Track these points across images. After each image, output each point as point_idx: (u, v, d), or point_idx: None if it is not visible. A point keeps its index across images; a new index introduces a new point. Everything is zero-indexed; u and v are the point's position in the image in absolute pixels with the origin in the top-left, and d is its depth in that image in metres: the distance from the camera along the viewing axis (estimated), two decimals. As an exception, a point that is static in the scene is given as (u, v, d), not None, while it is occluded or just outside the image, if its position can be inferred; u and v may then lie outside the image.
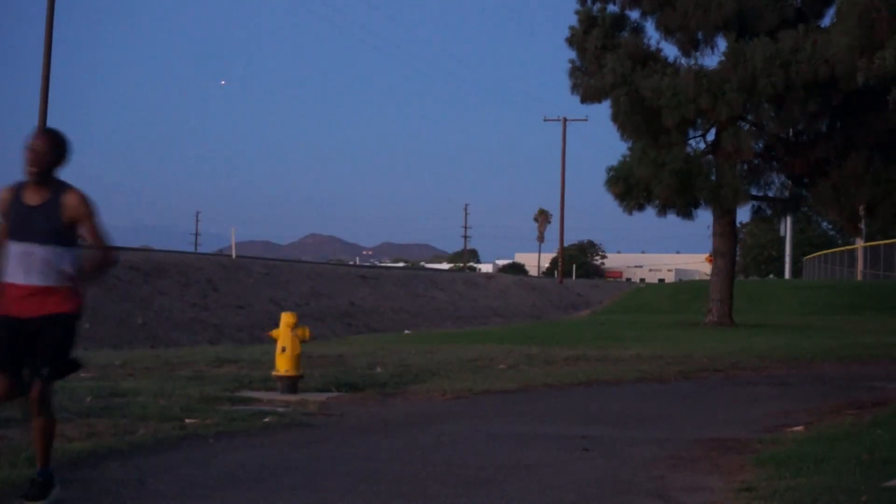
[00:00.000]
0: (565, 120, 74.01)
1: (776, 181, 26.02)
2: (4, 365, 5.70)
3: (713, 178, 23.67)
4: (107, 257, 5.88)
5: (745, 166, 24.88)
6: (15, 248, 5.62)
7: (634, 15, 24.70)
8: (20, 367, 5.77)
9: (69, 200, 5.65)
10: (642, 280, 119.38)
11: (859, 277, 51.87)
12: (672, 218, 26.26)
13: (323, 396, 10.43)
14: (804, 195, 26.07)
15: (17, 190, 5.73)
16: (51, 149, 5.73)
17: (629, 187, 24.87)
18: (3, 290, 5.66)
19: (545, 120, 75.94)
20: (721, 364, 14.63)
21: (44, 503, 5.70)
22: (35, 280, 5.60)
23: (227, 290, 39.53)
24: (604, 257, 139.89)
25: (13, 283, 5.63)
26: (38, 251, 5.58)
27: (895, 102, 20.14)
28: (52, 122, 32.61)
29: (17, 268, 5.62)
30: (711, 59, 26.16)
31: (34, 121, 32.18)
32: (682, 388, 12.18)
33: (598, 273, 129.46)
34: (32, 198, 5.67)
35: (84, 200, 5.70)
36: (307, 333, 10.55)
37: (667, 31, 24.19)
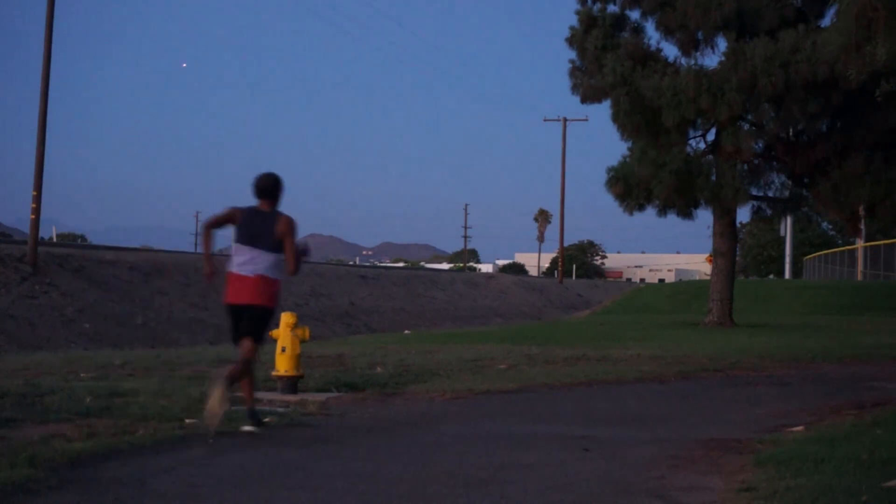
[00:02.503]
0: (565, 120, 74.06)
1: (776, 181, 26.01)
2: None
3: (713, 178, 23.66)
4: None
5: (745, 166, 24.87)
6: (241, 250, 8.09)
7: (634, 15, 24.70)
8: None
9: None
10: (642, 280, 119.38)
11: (859, 277, 51.87)
12: (672, 218, 26.27)
13: (323, 396, 10.43)
14: (804, 195, 26.05)
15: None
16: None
17: (629, 187, 24.86)
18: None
19: (545, 120, 76.12)
20: (721, 364, 14.62)
21: (256, 426, 8.19)
22: (266, 271, 8.08)
23: (227, 290, 39.49)
24: (604, 257, 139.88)
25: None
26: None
27: (884, 97, 20.13)
28: (52, 123, 32.60)
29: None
30: (711, 59, 26.17)
31: (34, 121, 32.15)
32: (682, 388, 12.17)
33: (599, 273, 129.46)
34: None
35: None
36: (307, 333, 10.54)
37: (667, 31, 24.18)
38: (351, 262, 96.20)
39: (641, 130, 23.27)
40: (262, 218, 8.03)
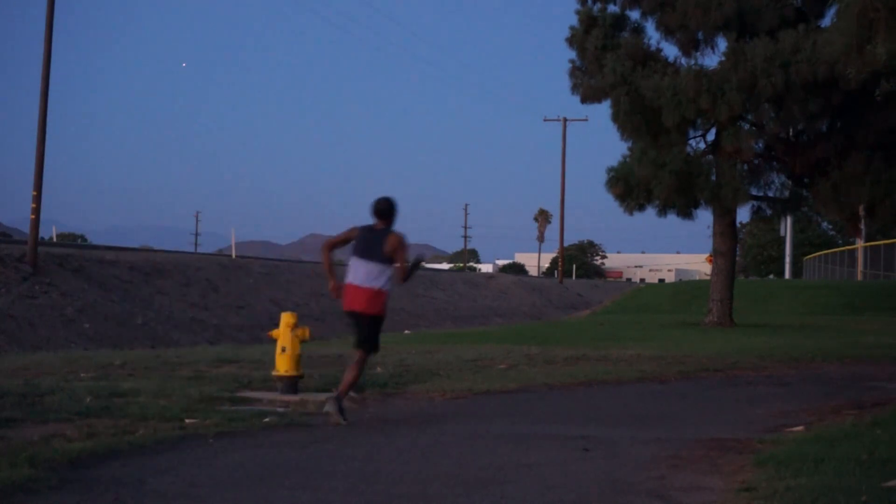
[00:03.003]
0: (565, 120, 74.05)
1: (776, 181, 26.00)
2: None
3: (713, 178, 23.65)
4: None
5: (745, 166, 24.85)
6: (356, 263, 9.12)
7: (634, 15, 24.69)
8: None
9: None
10: (642, 280, 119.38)
11: (859, 277, 51.86)
12: (672, 218, 26.25)
13: (323, 396, 10.40)
14: (804, 195, 26.04)
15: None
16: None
17: (629, 187, 24.85)
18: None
19: (545, 120, 76.07)
20: (721, 364, 14.62)
21: (337, 412, 8.90)
22: (374, 283, 9.06)
23: (227, 290, 39.53)
24: (604, 257, 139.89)
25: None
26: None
27: (884, 96, 20.12)
28: (52, 123, 32.57)
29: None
30: (711, 59, 26.15)
31: (34, 121, 32.14)
32: (682, 388, 12.17)
33: (599, 273, 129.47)
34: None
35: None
36: (307, 333, 10.54)
37: (667, 31, 24.18)
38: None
39: (641, 130, 23.26)
40: (376, 235, 9.10)
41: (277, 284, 43.95)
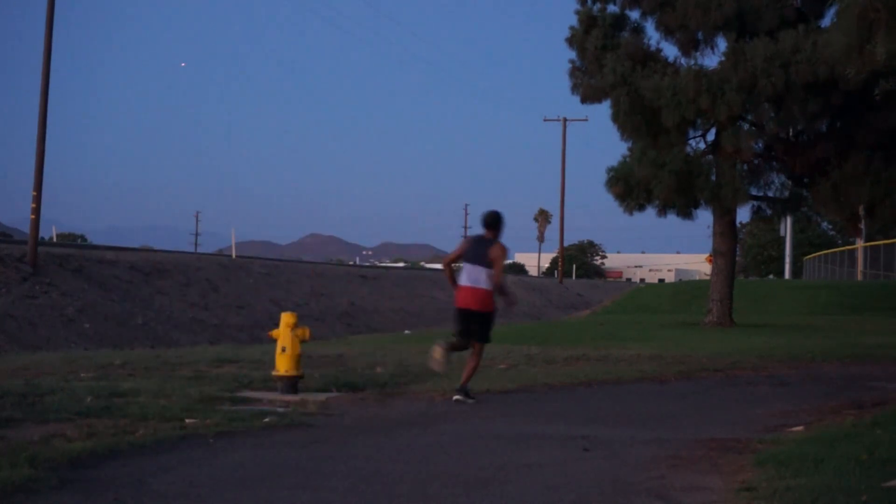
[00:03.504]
0: (565, 120, 74.07)
1: (776, 181, 25.99)
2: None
3: (713, 178, 23.64)
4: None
5: (745, 166, 24.85)
6: (467, 268, 10.57)
7: (634, 15, 24.68)
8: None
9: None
10: (642, 280, 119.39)
11: (859, 277, 51.86)
12: (672, 218, 26.25)
13: (323, 396, 10.43)
14: (804, 195, 26.04)
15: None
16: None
17: (629, 187, 24.85)
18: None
19: (545, 120, 76.10)
20: (721, 364, 14.62)
21: (465, 397, 10.30)
22: (482, 284, 10.46)
23: (227, 290, 39.53)
24: (604, 257, 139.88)
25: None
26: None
27: (883, 96, 20.11)
28: (52, 123, 32.58)
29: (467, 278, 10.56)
30: (711, 59, 26.13)
31: (34, 121, 32.14)
32: (682, 388, 12.17)
33: (599, 273, 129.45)
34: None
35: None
36: (307, 333, 10.55)
37: (667, 31, 24.17)
38: (351, 262, 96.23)
39: (641, 130, 23.25)
40: (483, 243, 10.60)
41: (277, 284, 43.96)
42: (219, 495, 6.06)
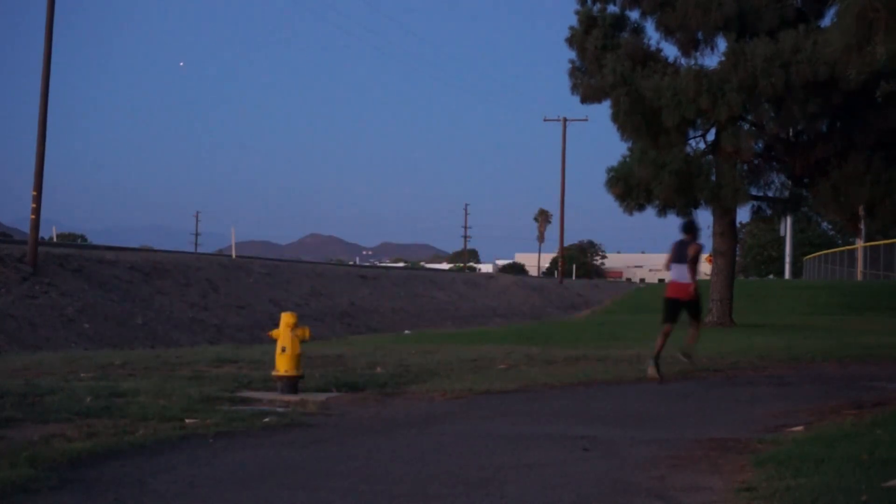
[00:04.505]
0: (565, 120, 74.08)
1: (776, 181, 25.99)
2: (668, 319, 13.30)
3: (713, 178, 23.64)
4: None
5: (745, 166, 24.85)
6: (674, 266, 13.31)
7: (634, 15, 24.68)
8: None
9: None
10: (642, 280, 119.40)
11: (859, 277, 51.85)
12: (672, 218, 26.22)
13: (323, 396, 10.43)
14: (804, 195, 26.04)
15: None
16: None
17: (629, 188, 24.85)
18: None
19: (545, 120, 76.09)
20: (721, 364, 14.63)
21: (686, 357, 13.64)
22: (685, 279, 13.19)
23: (227, 290, 39.53)
24: (604, 257, 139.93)
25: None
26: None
27: (884, 97, 20.09)
28: (52, 123, 32.56)
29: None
30: (711, 59, 26.13)
31: (34, 121, 32.13)
32: (682, 388, 12.18)
33: (599, 273, 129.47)
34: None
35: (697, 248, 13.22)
36: (307, 333, 10.55)
37: (667, 31, 24.17)
38: (351, 262, 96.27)
39: (641, 130, 23.25)
40: (684, 245, 13.29)
41: (277, 284, 43.96)
42: (219, 495, 6.06)
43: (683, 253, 13.19)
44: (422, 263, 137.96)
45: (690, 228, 13.53)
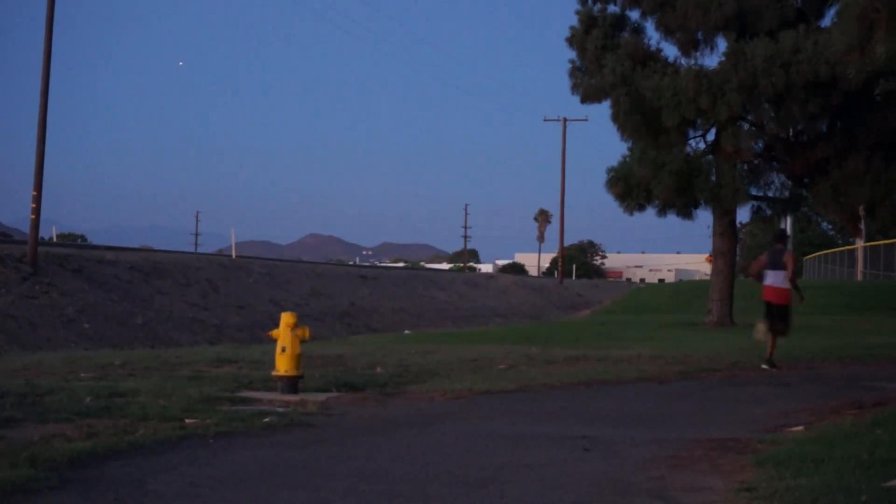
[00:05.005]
0: (565, 120, 74.06)
1: (776, 181, 26.01)
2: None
3: (713, 178, 23.65)
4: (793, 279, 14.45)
5: (745, 166, 24.87)
6: (769, 272, 14.40)
7: (634, 15, 24.69)
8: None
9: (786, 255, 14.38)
10: (642, 280, 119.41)
11: (859, 277, 51.83)
12: (672, 218, 26.27)
13: (323, 396, 10.43)
14: (804, 195, 26.05)
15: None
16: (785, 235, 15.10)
17: (629, 188, 24.86)
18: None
19: (545, 120, 76.06)
20: (721, 364, 14.63)
21: (770, 367, 14.13)
22: (781, 284, 14.32)
23: (227, 290, 39.52)
24: (604, 257, 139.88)
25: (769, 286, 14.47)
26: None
27: (883, 96, 20.08)
28: (52, 123, 32.56)
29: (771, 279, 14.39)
30: (711, 59, 26.15)
31: (34, 121, 32.13)
32: (682, 388, 12.17)
33: (599, 273, 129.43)
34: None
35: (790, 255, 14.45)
36: (307, 333, 10.55)
37: (667, 31, 24.18)
38: (351, 262, 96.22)
39: (641, 130, 23.25)
40: (778, 252, 14.48)
41: (277, 284, 43.95)
42: (219, 495, 6.06)
43: (779, 260, 14.40)
44: (422, 263, 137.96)
45: (783, 236, 15.04)
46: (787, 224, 58.85)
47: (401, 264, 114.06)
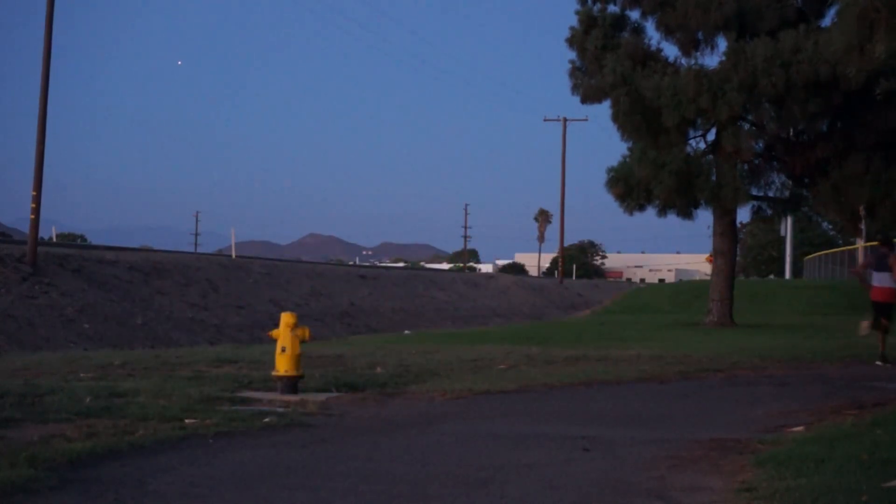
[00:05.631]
0: (565, 120, 74.05)
1: (776, 181, 26.02)
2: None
3: (713, 178, 23.66)
4: None
5: (746, 166, 24.87)
6: (876, 274, 15.50)
7: (635, 15, 24.70)
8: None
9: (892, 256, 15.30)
10: (642, 280, 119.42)
11: (859, 277, 51.75)
12: (672, 218, 26.28)
13: (323, 396, 10.43)
14: (804, 195, 26.05)
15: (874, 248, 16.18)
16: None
17: (629, 188, 24.87)
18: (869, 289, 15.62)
19: (545, 120, 76.03)
20: (721, 364, 14.62)
21: (884, 362, 15.04)
22: (888, 284, 15.32)
23: (227, 290, 39.52)
24: (604, 257, 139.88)
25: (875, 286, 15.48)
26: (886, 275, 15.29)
27: (884, 95, 20.08)
28: (52, 123, 32.56)
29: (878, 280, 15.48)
30: (711, 59, 26.17)
31: (34, 120, 32.13)
32: (682, 388, 12.17)
33: (599, 273, 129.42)
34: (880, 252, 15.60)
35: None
36: (307, 333, 10.54)
37: (667, 30, 24.18)
38: (351, 262, 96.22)
39: (641, 130, 23.26)
40: (883, 255, 15.45)
41: (277, 284, 43.95)
42: (219, 495, 6.06)
43: (885, 263, 15.47)
44: (422, 263, 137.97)
45: (890, 242, 15.82)
46: (788, 224, 58.90)
47: (401, 264, 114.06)
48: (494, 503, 5.98)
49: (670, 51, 36.41)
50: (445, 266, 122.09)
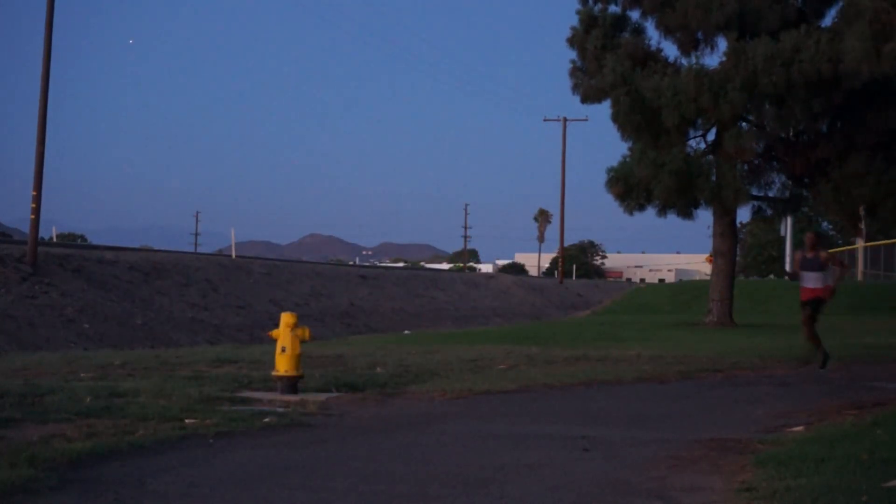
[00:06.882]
0: (565, 120, 74.07)
1: (777, 181, 26.02)
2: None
3: (713, 178, 23.65)
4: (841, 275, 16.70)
5: (746, 166, 24.87)
6: (806, 274, 14.79)
7: (635, 15, 24.71)
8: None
9: (822, 254, 14.85)
10: (642, 280, 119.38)
11: (859, 277, 51.83)
12: (672, 218, 26.26)
13: (323, 396, 10.42)
14: (805, 195, 26.06)
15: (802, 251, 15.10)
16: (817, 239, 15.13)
17: (629, 188, 24.86)
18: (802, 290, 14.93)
19: (545, 120, 76.12)
20: (721, 364, 14.62)
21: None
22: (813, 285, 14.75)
23: (227, 290, 39.53)
24: (604, 257, 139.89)
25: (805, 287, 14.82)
26: (815, 275, 14.72)
27: (884, 95, 20.08)
28: (52, 123, 32.57)
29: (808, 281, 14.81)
30: (712, 59, 26.15)
31: (34, 121, 32.13)
32: (682, 388, 12.17)
33: (599, 273, 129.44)
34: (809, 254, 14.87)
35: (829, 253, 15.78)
36: (307, 333, 10.54)
37: (667, 30, 24.19)
38: (351, 262, 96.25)
39: (641, 130, 23.26)
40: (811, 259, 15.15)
41: (277, 284, 43.95)
42: (219, 495, 6.06)
43: (815, 262, 15.12)
44: (422, 263, 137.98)
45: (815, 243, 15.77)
46: (788, 224, 58.87)
47: (401, 264, 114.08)
48: (494, 503, 5.98)
49: (670, 51, 36.40)
50: (445, 266, 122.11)
